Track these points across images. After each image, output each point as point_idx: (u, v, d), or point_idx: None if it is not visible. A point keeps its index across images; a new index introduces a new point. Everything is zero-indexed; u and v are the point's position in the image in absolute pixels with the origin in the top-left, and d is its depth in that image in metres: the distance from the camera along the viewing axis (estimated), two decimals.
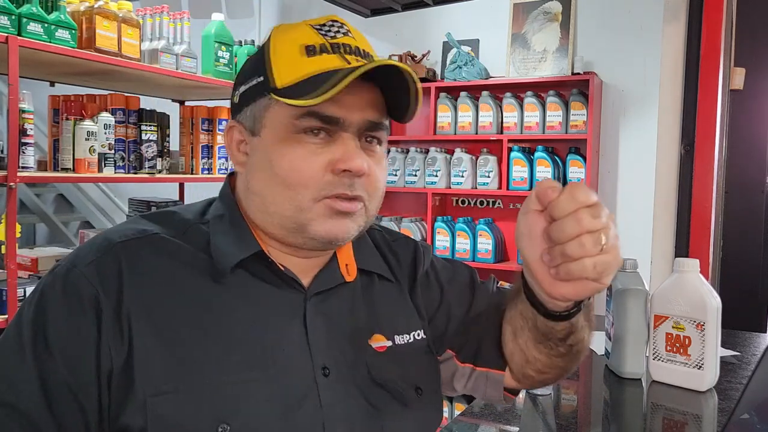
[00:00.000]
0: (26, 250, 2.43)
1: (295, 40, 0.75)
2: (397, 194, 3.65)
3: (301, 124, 0.72)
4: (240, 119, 0.78)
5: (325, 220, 0.74)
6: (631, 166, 3.13)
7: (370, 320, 0.82)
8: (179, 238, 0.75)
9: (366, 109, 0.74)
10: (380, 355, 0.81)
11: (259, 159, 0.75)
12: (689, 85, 3.00)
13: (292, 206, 0.73)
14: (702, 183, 2.96)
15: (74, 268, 0.70)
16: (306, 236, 0.75)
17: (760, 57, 3.00)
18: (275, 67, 0.74)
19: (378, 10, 3.18)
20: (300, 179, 0.72)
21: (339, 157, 0.73)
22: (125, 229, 0.74)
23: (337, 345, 0.77)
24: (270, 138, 0.74)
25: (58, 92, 2.43)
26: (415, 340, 0.85)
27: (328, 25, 0.77)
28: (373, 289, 0.85)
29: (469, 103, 3.29)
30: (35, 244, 4.70)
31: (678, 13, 3.01)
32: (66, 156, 2.22)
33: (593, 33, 3.16)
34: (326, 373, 0.75)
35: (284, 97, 0.71)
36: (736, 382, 1.30)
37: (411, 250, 0.93)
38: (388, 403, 0.79)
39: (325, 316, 0.78)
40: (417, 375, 0.83)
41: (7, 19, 1.89)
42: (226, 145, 0.81)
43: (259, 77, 0.75)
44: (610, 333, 1.37)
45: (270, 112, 0.74)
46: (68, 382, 0.66)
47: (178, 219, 0.78)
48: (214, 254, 0.74)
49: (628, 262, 1.33)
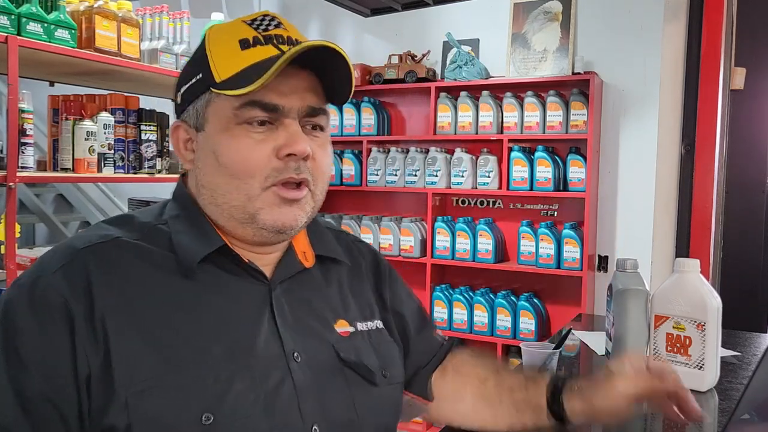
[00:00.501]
0: (26, 250, 2.43)
1: (230, 36, 0.78)
2: (397, 194, 3.65)
3: (243, 114, 0.75)
4: (184, 118, 0.81)
5: (273, 208, 0.76)
6: (632, 166, 3.12)
7: (334, 305, 0.87)
8: (142, 240, 0.76)
9: (305, 95, 0.78)
10: (345, 339, 0.84)
11: (205, 153, 0.78)
12: (689, 85, 2.99)
13: (240, 196, 0.76)
14: (702, 183, 2.96)
15: (40, 278, 0.70)
16: (256, 226, 0.77)
17: (760, 57, 3.00)
18: (213, 62, 0.77)
19: (378, 9, 3.18)
20: (246, 168, 0.75)
21: (283, 142, 0.76)
22: (88, 236, 0.75)
23: (304, 331, 0.80)
24: (214, 131, 0.77)
25: (57, 92, 2.43)
26: (377, 329, 0.90)
27: (259, 19, 0.80)
28: (332, 274, 0.90)
29: (469, 103, 3.29)
30: (35, 244, 4.70)
31: (678, 13, 3.00)
32: (65, 156, 2.22)
33: (593, 33, 3.16)
34: (297, 358, 0.77)
35: (224, 89, 0.74)
36: (737, 382, 1.29)
37: (372, 251, 1.00)
38: (358, 382, 0.82)
39: (290, 304, 0.81)
40: (381, 360, 0.87)
41: (7, 19, 1.89)
42: (173, 145, 0.83)
43: (198, 75, 0.78)
44: (610, 333, 1.36)
45: (212, 106, 0.77)
46: (45, 392, 0.66)
47: (138, 222, 0.79)
48: (178, 252, 0.76)
49: (628, 262, 1.33)
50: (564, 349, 1.50)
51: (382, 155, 3.52)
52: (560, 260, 3.08)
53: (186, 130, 0.81)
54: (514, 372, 0.99)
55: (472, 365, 1.01)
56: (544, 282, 3.30)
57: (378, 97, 3.65)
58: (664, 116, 3.03)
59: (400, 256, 3.44)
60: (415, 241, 3.41)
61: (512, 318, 3.18)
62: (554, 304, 3.29)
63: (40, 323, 0.67)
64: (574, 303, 3.14)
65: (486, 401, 0.95)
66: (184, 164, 0.83)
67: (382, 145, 3.62)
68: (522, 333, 3.16)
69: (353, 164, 3.58)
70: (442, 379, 1.01)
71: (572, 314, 2.67)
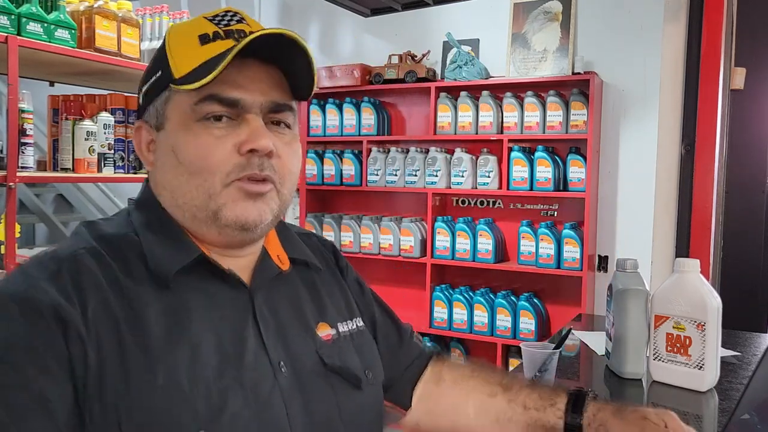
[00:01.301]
0: (26, 250, 2.43)
1: (190, 32, 0.75)
2: (397, 194, 3.65)
3: (202, 109, 0.72)
4: (146, 118, 0.78)
5: (236, 203, 0.73)
6: (632, 166, 3.12)
7: (314, 309, 0.84)
8: (116, 252, 0.72)
9: (269, 91, 0.75)
10: (328, 343, 0.82)
11: (165, 152, 0.75)
12: (689, 85, 2.99)
13: (201, 194, 0.73)
14: (702, 183, 2.96)
15: (30, 287, 0.66)
16: (220, 224, 0.74)
17: (760, 57, 3.00)
18: (172, 59, 0.74)
19: (378, 9, 3.18)
20: (206, 165, 0.72)
21: (245, 138, 0.73)
22: (71, 245, 0.72)
23: (288, 339, 0.78)
24: (173, 129, 0.74)
25: (57, 92, 2.43)
26: (357, 327, 0.88)
27: (221, 15, 0.77)
28: (308, 276, 0.88)
29: (469, 103, 3.29)
30: (35, 244, 4.70)
31: (678, 13, 3.00)
32: (65, 156, 2.22)
33: (593, 33, 3.16)
34: (282, 368, 0.75)
35: (181, 85, 0.72)
36: (737, 382, 1.29)
37: (328, 246, 0.98)
38: (343, 387, 0.81)
39: (272, 311, 0.79)
40: (364, 360, 0.86)
41: (7, 19, 1.89)
42: (136, 147, 0.81)
43: (158, 72, 0.76)
44: (610, 333, 1.36)
45: (171, 103, 0.75)
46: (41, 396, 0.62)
47: (108, 234, 0.75)
48: (151, 263, 0.72)
49: (628, 262, 1.33)
50: (564, 349, 1.50)
51: (382, 155, 3.52)
52: (560, 260, 3.08)
53: (148, 131, 0.78)
54: (528, 388, 0.91)
55: (476, 379, 0.95)
56: (544, 282, 3.30)
57: (378, 97, 3.65)
58: (664, 116, 3.03)
59: (400, 256, 3.44)
60: (415, 241, 3.41)
61: (512, 318, 3.18)
62: (554, 304, 3.29)
63: (32, 331, 0.63)
64: (574, 303, 3.14)
65: (493, 417, 0.90)
66: (146, 166, 0.80)
67: (382, 145, 3.62)
68: (522, 333, 3.16)
69: (353, 164, 3.58)
70: (437, 390, 0.97)
71: (572, 314, 2.67)
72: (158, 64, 0.76)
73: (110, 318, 0.67)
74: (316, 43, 3.83)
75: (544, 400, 0.87)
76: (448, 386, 0.97)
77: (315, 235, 0.98)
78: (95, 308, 0.66)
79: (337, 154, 3.63)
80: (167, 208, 0.77)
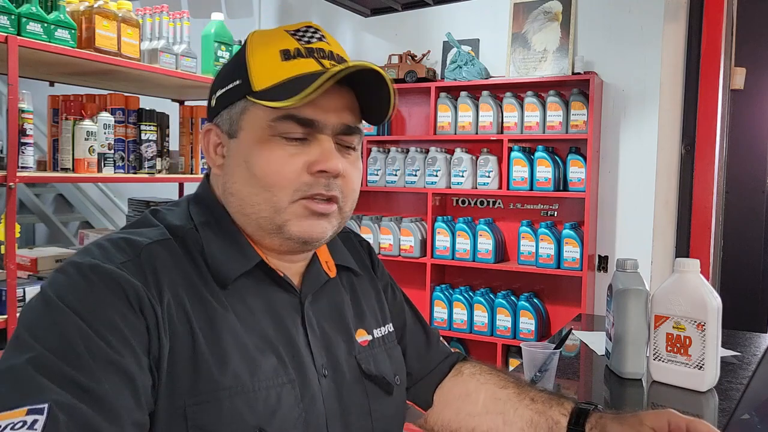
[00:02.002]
0: (26, 251, 2.43)
1: (272, 44, 0.76)
2: (397, 194, 3.65)
3: (279, 126, 0.74)
4: (217, 122, 0.79)
5: (301, 220, 0.75)
6: (632, 165, 3.12)
7: (354, 315, 0.87)
8: (184, 246, 0.74)
9: (342, 113, 0.77)
10: (365, 349, 0.85)
11: (237, 161, 0.76)
12: (689, 85, 2.99)
13: (269, 207, 0.75)
14: (702, 183, 2.96)
15: (105, 264, 0.66)
16: (283, 237, 0.76)
17: (760, 57, 3.00)
18: (253, 70, 0.75)
19: (378, 9, 3.18)
20: (277, 180, 0.74)
21: (315, 158, 0.74)
22: (146, 234, 0.73)
23: (331, 344, 0.81)
24: (247, 140, 0.75)
25: (57, 92, 2.43)
26: (389, 332, 0.91)
27: (302, 30, 0.78)
28: (350, 281, 0.90)
29: (469, 103, 3.29)
30: (35, 244, 4.70)
31: (678, 13, 3.00)
32: (65, 156, 2.22)
33: (593, 33, 3.16)
34: (325, 373, 0.78)
35: (262, 99, 0.72)
36: (737, 382, 1.29)
37: (365, 247, 1.00)
38: (376, 394, 0.83)
39: (317, 316, 0.81)
40: (394, 364, 0.89)
41: (7, 19, 1.89)
42: (204, 147, 0.82)
43: (236, 81, 0.76)
44: (610, 333, 1.36)
45: (247, 114, 0.75)
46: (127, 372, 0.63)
47: (173, 225, 0.76)
48: (212, 264, 0.74)
49: (628, 262, 1.33)
50: (564, 349, 1.50)
51: (382, 155, 3.52)
52: (560, 260, 3.08)
53: (218, 135, 0.79)
54: (539, 389, 0.95)
55: (491, 374, 0.99)
56: (544, 282, 3.31)
57: None
58: (664, 116, 3.03)
59: (400, 256, 3.44)
60: (415, 241, 3.41)
61: (512, 318, 3.19)
62: (554, 304, 3.29)
63: (118, 299, 0.64)
64: (574, 303, 3.14)
65: (500, 407, 0.93)
66: (213, 168, 0.81)
67: (382, 145, 3.62)
68: (522, 333, 3.16)
69: None
70: (452, 380, 1.00)
71: (572, 314, 2.67)
72: (237, 72, 0.77)
73: (183, 311, 0.69)
74: None
75: (553, 399, 0.91)
76: (464, 378, 1.00)
77: (353, 233, 1.00)
78: (170, 300, 0.68)
79: None
80: (233, 213, 0.78)
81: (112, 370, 0.61)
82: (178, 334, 0.67)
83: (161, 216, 0.78)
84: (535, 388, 0.95)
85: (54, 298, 0.64)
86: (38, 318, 0.64)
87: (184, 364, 0.66)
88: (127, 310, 0.65)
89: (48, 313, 0.63)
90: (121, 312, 0.64)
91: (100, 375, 0.61)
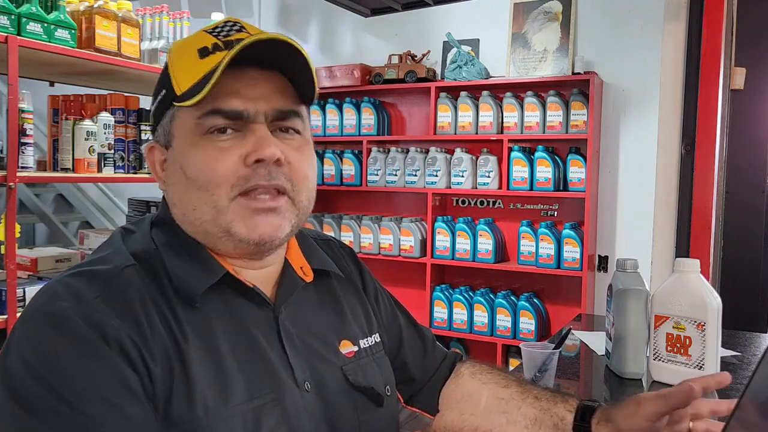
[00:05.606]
0: (26, 250, 2.43)
1: (190, 46, 0.74)
2: (397, 194, 3.65)
3: (206, 123, 0.71)
4: (156, 138, 0.78)
5: (246, 219, 0.72)
6: (632, 165, 3.12)
7: (337, 324, 0.84)
8: (148, 269, 0.71)
9: (271, 98, 0.74)
10: (351, 360, 0.82)
11: (174, 169, 0.74)
12: (689, 85, 2.99)
13: (209, 209, 0.72)
14: (702, 183, 2.96)
15: (83, 306, 0.64)
16: (233, 239, 0.73)
17: (760, 57, 3.00)
18: (174, 76, 0.73)
19: (378, 9, 3.18)
20: (212, 178, 0.71)
21: (250, 148, 0.71)
22: (112, 261, 0.71)
23: (312, 357, 0.78)
24: (180, 145, 0.74)
25: (57, 92, 2.43)
26: (376, 342, 0.88)
27: (221, 26, 0.76)
28: (331, 286, 0.87)
29: (469, 103, 3.29)
30: (35, 244, 4.70)
31: (678, 13, 3.00)
32: (65, 156, 2.22)
33: (593, 33, 3.16)
34: (308, 387, 0.75)
35: (182, 101, 0.71)
36: (737, 382, 1.29)
37: (348, 253, 0.96)
38: (366, 406, 0.81)
39: (296, 328, 0.78)
40: (383, 375, 0.86)
41: (7, 19, 1.89)
42: (150, 167, 0.80)
43: (162, 91, 0.75)
44: (610, 333, 1.36)
45: (176, 121, 0.74)
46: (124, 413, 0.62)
47: (140, 250, 0.73)
48: (176, 283, 0.71)
49: (628, 262, 1.33)
50: (564, 349, 1.50)
51: (382, 155, 3.52)
52: (560, 260, 3.08)
53: (160, 150, 0.77)
54: (541, 388, 0.93)
55: (493, 374, 0.97)
56: (544, 282, 3.30)
57: (378, 97, 3.65)
58: (664, 116, 3.03)
59: (400, 256, 3.44)
60: (415, 241, 3.41)
61: (512, 318, 3.19)
62: (554, 304, 3.29)
63: (90, 352, 0.62)
64: (574, 303, 3.14)
65: (503, 406, 0.91)
66: (160, 186, 0.78)
67: (382, 145, 3.62)
68: (522, 333, 3.16)
69: (353, 164, 3.58)
70: (454, 382, 0.99)
71: (572, 314, 2.67)
72: (162, 83, 0.75)
73: (159, 337, 0.66)
74: (315, 43, 3.83)
75: (557, 396, 0.89)
76: (465, 379, 0.98)
77: (334, 240, 0.97)
78: (146, 327, 0.66)
79: (337, 154, 3.63)
80: (181, 224, 0.75)
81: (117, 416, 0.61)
82: (157, 362, 0.65)
83: (128, 241, 0.75)
84: (537, 386, 0.94)
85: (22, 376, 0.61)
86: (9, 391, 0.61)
87: (172, 389, 0.65)
88: (114, 362, 0.62)
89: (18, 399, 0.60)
90: (110, 367, 0.62)
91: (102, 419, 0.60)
